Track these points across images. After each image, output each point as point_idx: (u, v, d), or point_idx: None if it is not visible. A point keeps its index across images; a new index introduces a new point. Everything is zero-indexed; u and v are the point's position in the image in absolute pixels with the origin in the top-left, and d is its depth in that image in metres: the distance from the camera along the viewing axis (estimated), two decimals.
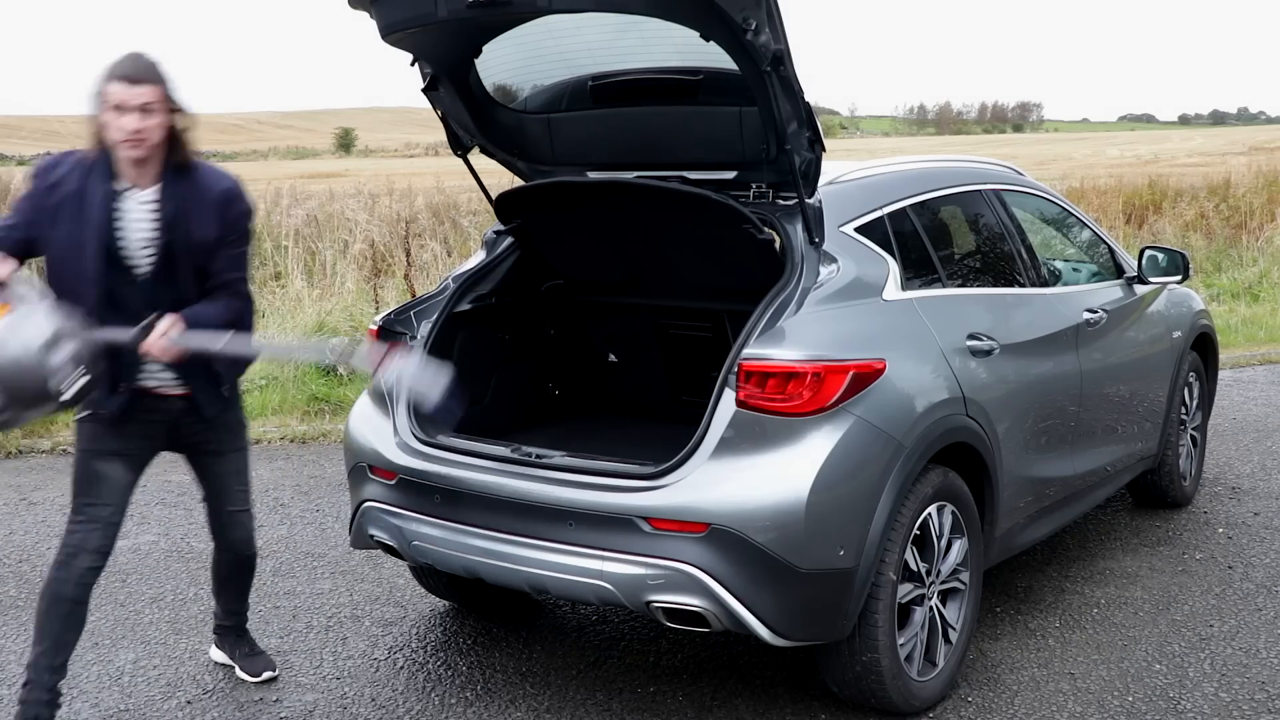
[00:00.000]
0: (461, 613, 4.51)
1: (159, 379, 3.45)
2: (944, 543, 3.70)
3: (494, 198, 4.19)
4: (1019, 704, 3.73)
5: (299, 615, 4.51)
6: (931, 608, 3.68)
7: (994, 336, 3.97)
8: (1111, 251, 5.39)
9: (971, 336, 3.88)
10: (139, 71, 3.20)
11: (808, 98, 3.40)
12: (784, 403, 3.27)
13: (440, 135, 4.24)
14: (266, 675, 3.91)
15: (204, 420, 3.55)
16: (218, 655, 4.03)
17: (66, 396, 3.00)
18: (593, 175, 4.08)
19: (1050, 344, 4.39)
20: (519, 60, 3.98)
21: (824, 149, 3.53)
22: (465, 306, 4.12)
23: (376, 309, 8.78)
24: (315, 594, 4.73)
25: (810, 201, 3.59)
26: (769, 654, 4.04)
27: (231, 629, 3.99)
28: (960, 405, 3.70)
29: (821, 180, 3.64)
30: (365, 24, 3.73)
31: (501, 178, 4.46)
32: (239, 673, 3.94)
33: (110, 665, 4.06)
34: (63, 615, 3.44)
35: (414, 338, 3.99)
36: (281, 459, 3.86)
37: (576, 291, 4.51)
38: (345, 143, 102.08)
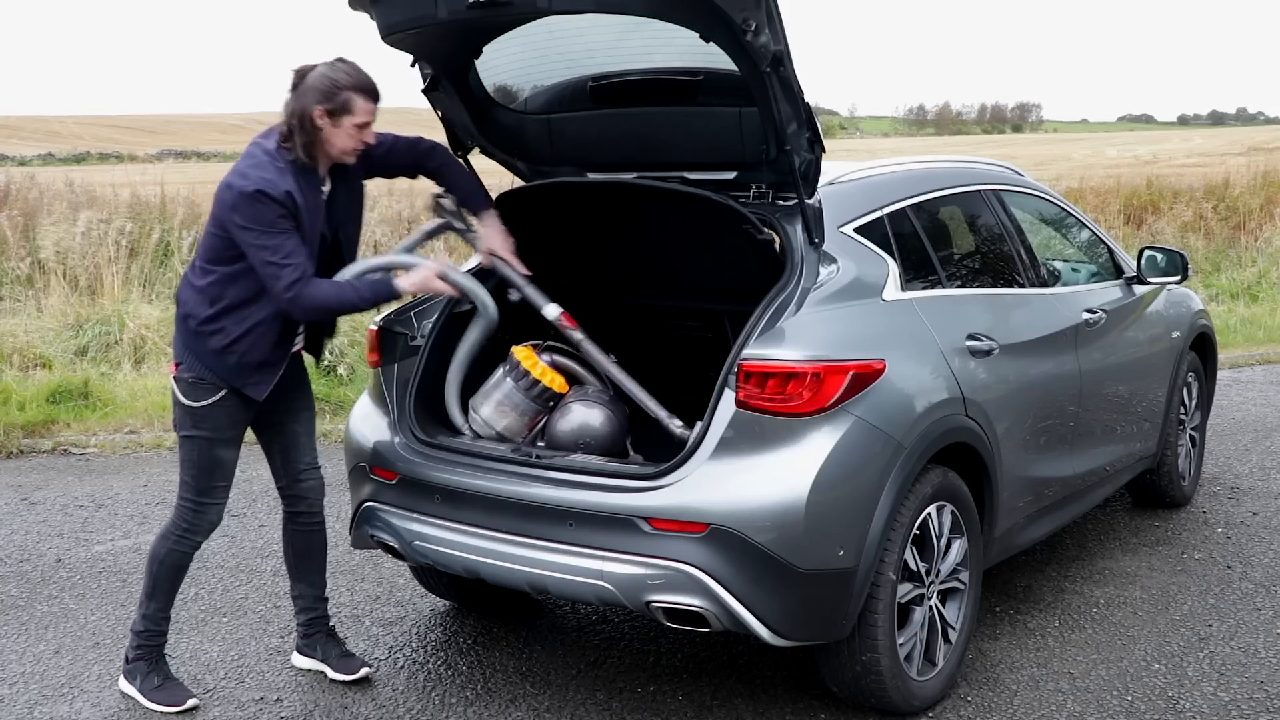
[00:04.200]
0: (461, 613, 4.52)
1: (300, 337, 3.79)
2: (943, 542, 3.71)
3: (494, 198, 4.20)
4: (1018, 703, 3.74)
5: None
6: (931, 607, 3.69)
7: (993, 337, 3.98)
8: (1111, 252, 5.40)
9: (971, 337, 3.89)
10: (377, 88, 3.54)
11: (808, 98, 3.41)
12: (784, 403, 3.28)
13: (440, 136, 4.25)
14: (363, 673, 3.90)
15: (293, 380, 3.80)
16: (304, 662, 3.99)
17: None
18: (593, 176, 4.09)
19: (1049, 344, 4.39)
20: (519, 61, 3.98)
21: (824, 149, 3.53)
22: (466, 306, 4.12)
23: (379, 309, 8.79)
24: None
25: (810, 202, 3.59)
26: (769, 654, 4.05)
27: (321, 630, 3.97)
28: (960, 405, 3.70)
29: (821, 180, 3.65)
30: (365, 24, 3.73)
31: (502, 178, 4.47)
32: (332, 675, 3.90)
33: (111, 665, 4.06)
34: (180, 577, 3.78)
35: (414, 338, 4.00)
36: None
37: (577, 292, 4.51)
38: None
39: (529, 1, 3.37)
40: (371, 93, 3.53)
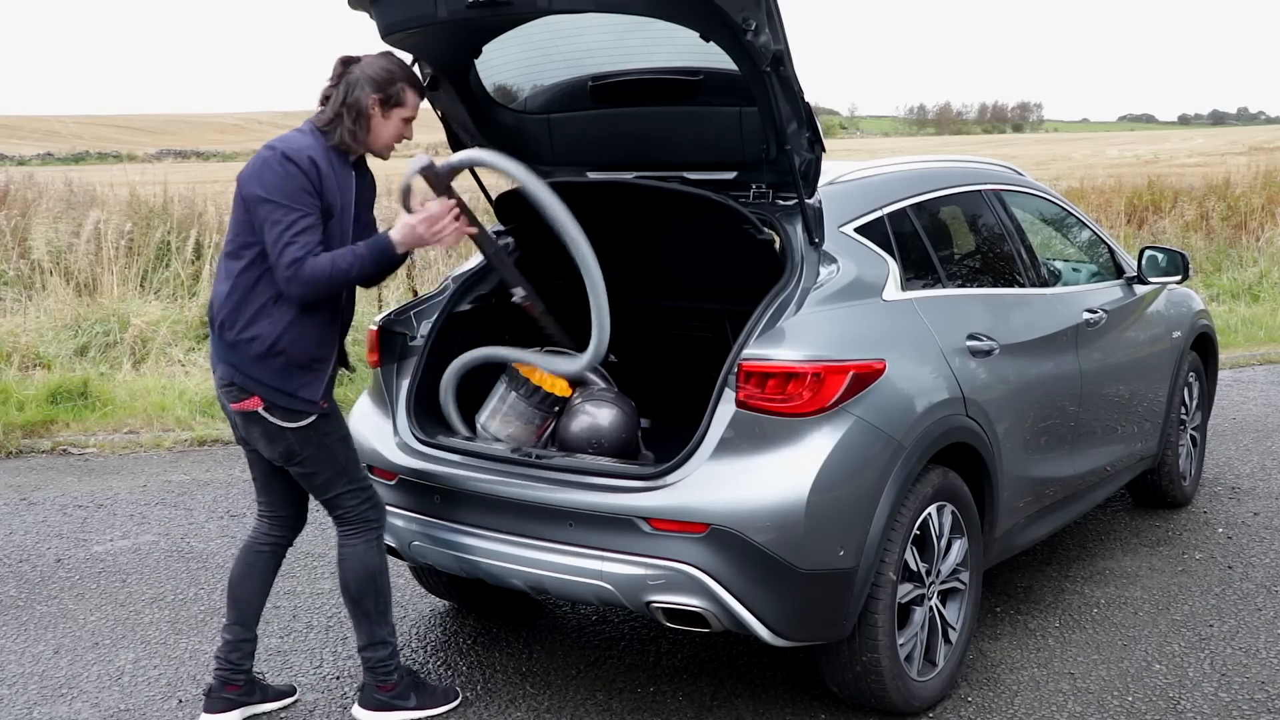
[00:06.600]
0: (461, 613, 4.51)
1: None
2: (944, 543, 3.70)
3: (494, 198, 4.19)
4: (1019, 704, 3.73)
5: (299, 615, 4.52)
6: (931, 608, 3.68)
7: (994, 337, 3.97)
8: (1111, 251, 5.40)
9: (971, 337, 3.88)
10: (423, 83, 3.57)
11: (808, 98, 3.40)
12: (784, 403, 3.27)
13: (439, 135, 4.24)
14: None
15: None
16: None
17: None
18: (592, 176, 4.09)
19: (1050, 344, 4.39)
20: (519, 61, 3.98)
21: (824, 149, 3.53)
22: (465, 306, 4.12)
23: (379, 308, 8.79)
24: (315, 594, 4.74)
25: (810, 202, 3.59)
26: (769, 654, 4.04)
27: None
28: (960, 405, 3.70)
29: (821, 180, 3.65)
30: (365, 24, 3.73)
31: (502, 178, 4.45)
32: None
33: (110, 665, 4.06)
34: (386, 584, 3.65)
35: (414, 338, 3.99)
36: None
37: (577, 292, 4.51)
38: None
39: (529, 1, 3.36)
40: (420, 88, 3.55)
